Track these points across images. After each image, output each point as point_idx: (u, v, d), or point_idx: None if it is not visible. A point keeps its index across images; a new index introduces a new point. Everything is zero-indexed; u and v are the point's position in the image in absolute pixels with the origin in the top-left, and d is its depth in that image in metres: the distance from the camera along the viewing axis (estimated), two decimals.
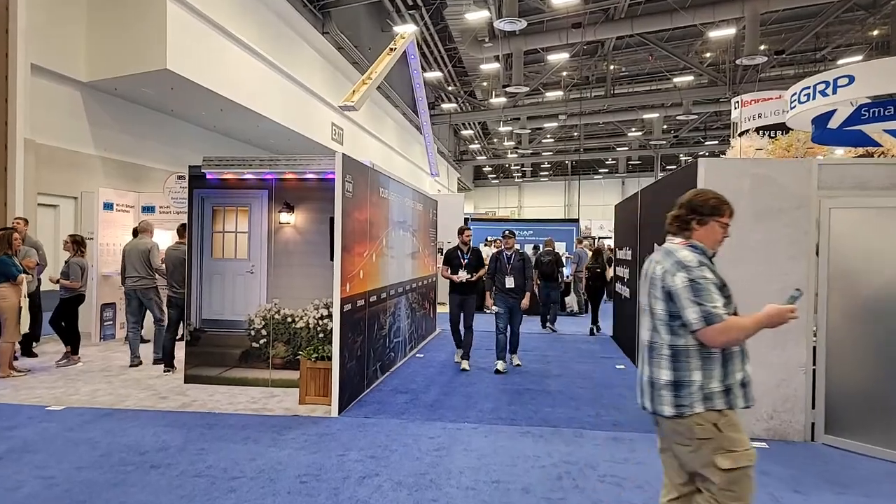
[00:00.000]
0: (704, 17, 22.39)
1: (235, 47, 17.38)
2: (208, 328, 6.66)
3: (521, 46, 25.20)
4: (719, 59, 28.42)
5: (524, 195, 45.02)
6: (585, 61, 29.19)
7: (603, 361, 8.26)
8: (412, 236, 8.69)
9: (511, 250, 7.76)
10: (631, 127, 35.34)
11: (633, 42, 27.11)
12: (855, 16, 24.61)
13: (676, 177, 6.08)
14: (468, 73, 30.44)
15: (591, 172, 41.85)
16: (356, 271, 6.11)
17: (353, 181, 5.96)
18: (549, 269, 11.20)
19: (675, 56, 26.08)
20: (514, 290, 7.65)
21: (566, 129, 36.45)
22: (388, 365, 7.46)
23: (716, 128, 35.84)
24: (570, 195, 43.42)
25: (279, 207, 6.56)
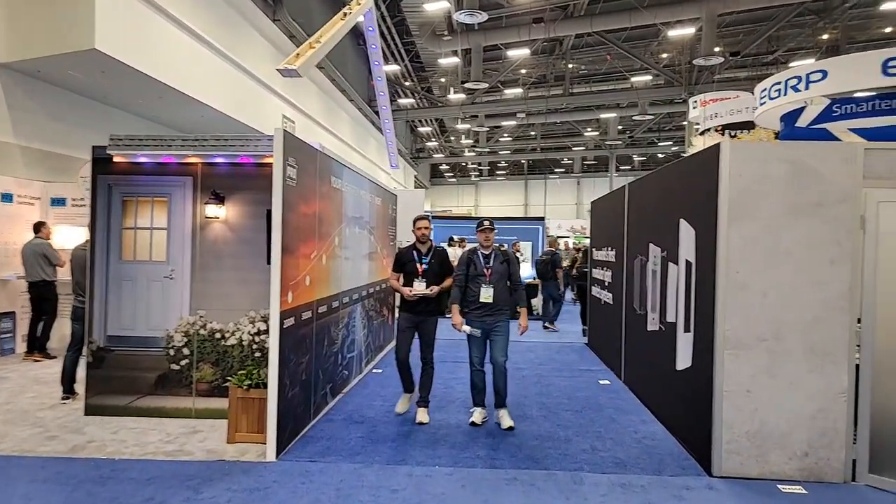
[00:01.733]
0: (663, 17, 21.92)
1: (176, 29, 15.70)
2: (115, 347, 5.30)
3: (480, 42, 24.21)
4: (676, 59, 28.14)
5: (481, 194, 44.12)
6: (544, 59, 28.44)
7: (584, 375, 7.24)
8: (370, 234, 7.48)
9: (490, 248, 5.35)
10: (587, 127, 34.87)
11: (591, 41, 26.49)
12: (806, 20, 24.66)
13: (689, 165, 5.07)
14: (426, 69, 29.28)
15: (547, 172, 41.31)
16: (301, 277, 4.88)
17: (298, 166, 4.72)
18: (544, 268, 11.02)
19: (633, 56, 25.60)
20: (493, 307, 5.24)
21: (523, 128, 35.70)
22: (341, 385, 6.24)
23: (669, 129, 35.75)
24: (528, 194, 42.78)
25: (206, 198, 5.25)
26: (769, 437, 4.20)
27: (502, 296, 5.27)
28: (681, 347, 4.91)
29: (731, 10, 21.22)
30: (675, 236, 5.08)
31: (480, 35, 24.03)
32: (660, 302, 5.50)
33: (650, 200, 6.02)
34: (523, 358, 8.22)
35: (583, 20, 22.91)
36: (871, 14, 23.40)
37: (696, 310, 4.66)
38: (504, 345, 5.31)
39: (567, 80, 28.21)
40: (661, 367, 5.38)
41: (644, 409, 5.79)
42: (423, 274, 5.39)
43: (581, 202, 41.51)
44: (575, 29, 23.34)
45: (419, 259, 5.45)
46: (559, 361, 8.05)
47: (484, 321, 5.25)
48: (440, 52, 24.92)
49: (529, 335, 10.16)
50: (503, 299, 5.28)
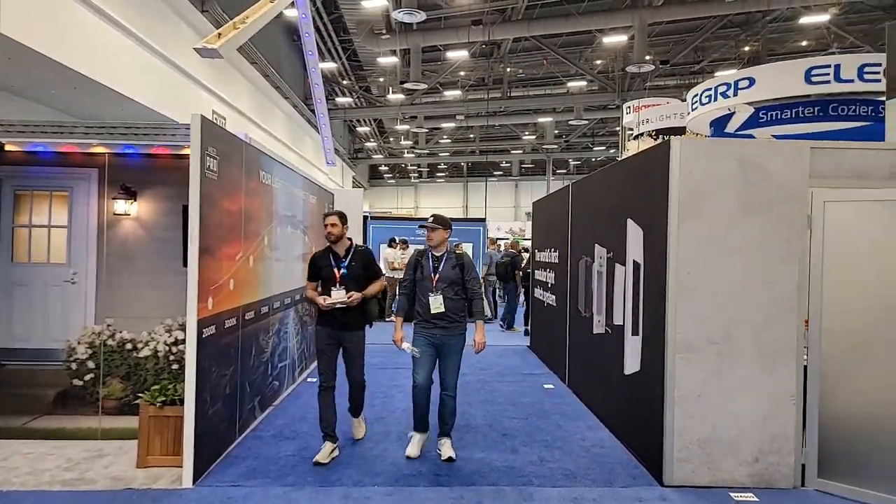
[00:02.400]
0: (598, 24, 22.30)
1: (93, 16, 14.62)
2: (6, 360, 4.63)
3: (418, 42, 23.89)
4: (609, 66, 28.74)
5: (421, 196, 43.78)
6: (482, 62, 28.43)
7: (528, 380, 7.00)
8: (304, 234, 6.99)
9: (441, 249, 4.54)
10: (525, 131, 35.18)
11: (529, 45, 26.67)
12: (729, 32, 25.73)
13: (637, 163, 4.89)
14: (364, 68, 28.71)
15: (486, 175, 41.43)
16: (224, 280, 4.38)
17: (220, 158, 4.23)
18: (504, 270, 11.20)
19: (569, 61, 25.94)
20: (444, 318, 4.43)
21: (463, 131, 35.63)
22: (272, 398, 5.74)
23: (602, 134, 36.55)
24: (467, 196, 42.75)
25: (115, 193, 4.66)
26: (720, 443, 4.05)
27: (455, 306, 4.45)
28: (629, 351, 4.72)
29: (661, 19, 21.81)
30: (621, 237, 4.89)
31: (419, 35, 23.72)
32: (606, 304, 5.32)
33: (595, 200, 5.84)
34: (465, 362, 7.90)
35: (520, 24, 23.00)
36: (790, 28, 24.60)
37: (644, 312, 4.48)
38: (457, 366, 4.56)
39: (505, 84, 28.31)
40: (608, 371, 5.20)
41: (590, 414, 5.59)
42: (341, 280, 4.47)
43: (519, 205, 41.88)
44: (513, 33, 23.41)
45: (336, 263, 4.52)
46: (502, 365, 7.80)
47: (433, 335, 4.46)
48: (378, 51, 24.45)
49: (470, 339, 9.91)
50: (456, 310, 4.47)
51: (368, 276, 4.64)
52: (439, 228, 4.53)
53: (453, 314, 4.47)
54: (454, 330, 4.49)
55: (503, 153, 39.34)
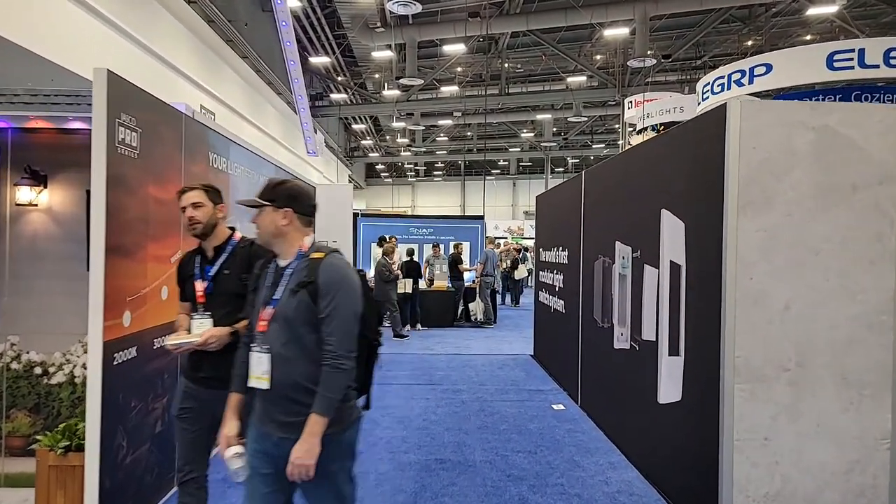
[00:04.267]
0: (598, 17, 21.32)
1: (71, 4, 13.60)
2: None
3: (414, 36, 22.90)
4: (609, 62, 27.76)
5: (418, 195, 42.68)
6: (480, 58, 27.43)
7: (534, 398, 5.99)
8: None
9: (288, 248, 2.21)
10: (523, 128, 34.17)
11: (527, 41, 25.69)
12: (731, 27, 24.86)
13: (675, 139, 3.85)
14: (359, 63, 27.68)
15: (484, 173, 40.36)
16: (150, 288, 3.36)
17: (143, 130, 3.22)
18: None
19: (568, 56, 24.95)
20: (277, 402, 2.06)
21: (460, 129, 34.61)
22: None
23: (601, 132, 35.57)
24: (465, 195, 41.67)
25: (18, 177, 3.65)
26: (793, 498, 3.04)
27: (298, 372, 2.05)
28: (665, 374, 3.71)
29: (662, 12, 20.85)
30: (652, 232, 3.89)
31: (415, 29, 22.71)
32: (631, 314, 4.31)
33: (616, 189, 4.83)
34: (461, 375, 6.91)
35: (519, 18, 22.04)
36: (794, 22, 23.65)
37: (688, 326, 3.47)
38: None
39: (503, 80, 27.33)
40: (635, 395, 4.19)
41: (611, 446, 4.58)
42: (204, 300, 2.66)
43: (517, 203, 40.83)
44: (511, 26, 22.43)
45: (202, 271, 2.73)
46: (503, 379, 6.78)
47: (266, 438, 2.09)
48: (373, 45, 23.44)
49: (468, 346, 8.90)
50: (302, 382, 2.04)
51: (224, 293, 2.66)
52: (268, 208, 2.20)
53: (294, 393, 2.04)
54: (297, 427, 1.99)
55: (501, 151, 38.32)
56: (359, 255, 12.06)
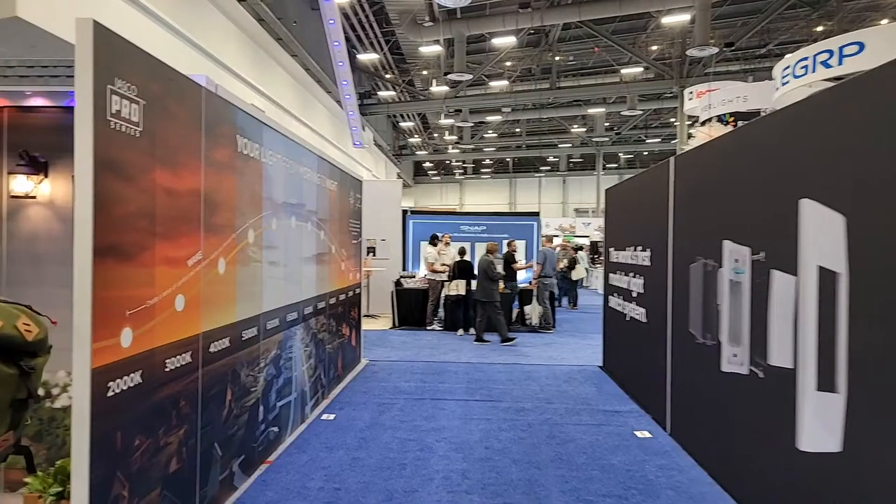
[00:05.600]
0: (656, 5, 20.04)
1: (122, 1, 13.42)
2: None
3: (463, 31, 22.11)
4: (666, 52, 26.26)
5: (465, 193, 41.89)
6: (529, 52, 26.43)
7: (612, 421, 5.11)
8: (317, 229, 5.30)
9: None
10: (573, 123, 32.91)
11: (579, 32, 24.55)
12: (798, 12, 23.10)
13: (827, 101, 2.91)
14: (407, 60, 27.12)
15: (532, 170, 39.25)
16: (160, 298, 2.69)
17: (149, 103, 2.55)
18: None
19: (622, 48, 23.66)
20: None
21: (509, 125, 33.63)
22: (264, 452, 4.05)
23: (655, 126, 33.91)
24: (513, 193, 40.63)
25: (13, 164, 3.05)
26: None
27: None
28: (811, 415, 2.80)
29: None
30: (786, 228, 2.98)
31: (463, 24, 21.93)
32: (750, 331, 3.40)
33: (721, 177, 3.91)
34: (524, 390, 6.09)
35: (571, 8, 20.98)
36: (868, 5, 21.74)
37: (852, 354, 2.56)
38: None
39: (554, 74, 26.23)
40: (758, 434, 3.28)
41: (720, 492, 3.67)
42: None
43: (567, 201, 39.50)
44: (562, 17, 21.39)
45: None
46: (573, 396, 5.91)
47: None
48: (421, 41, 22.79)
49: (527, 354, 8.06)
50: None
51: None
52: None
53: None
54: None
55: (551, 147, 37.11)
56: (407, 253, 11.38)
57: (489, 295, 8.43)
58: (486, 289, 8.38)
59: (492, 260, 8.54)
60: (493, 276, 8.44)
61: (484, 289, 8.37)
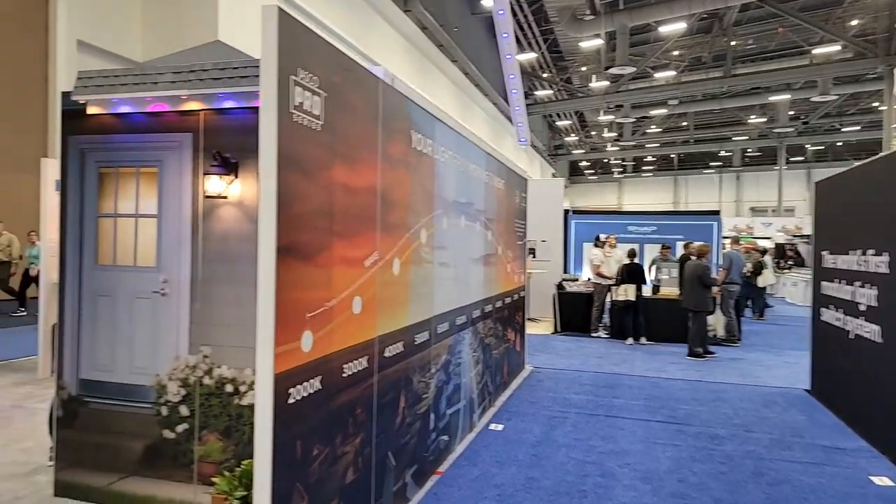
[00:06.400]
0: None
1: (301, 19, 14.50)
2: (91, 396, 3.35)
3: (626, 22, 20.79)
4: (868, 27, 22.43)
5: (624, 192, 39.67)
6: (700, 39, 24.17)
7: (833, 459, 4.15)
8: (485, 230, 5.02)
9: None
10: (750, 113, 29.57)
11: (759, 13, 21.89)
12: None
13: None
14: (565, 58, 26.28)
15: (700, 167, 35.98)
16: (338, 301, 2.54)
17: (329, 95, 2.40)
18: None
19: (813, 26, 20.57)
20: None
21: (674, 119, 31.16)
22: (435, 462, 3.84)
23: (852, 112, 29.24)
24: (677, 191, 37.65)
25: (208, 165, 3.12)
26: None
27: None
28: None
29: None
30: None
31: (626, 15, 20.62)
32: None
33: None
34: (714, 413, 5.26)
35: None
36: None
37: None
38: None
39: (729, 60, 23.66)
40: None
41: None
42: None
43: (741, 199, 35.63)
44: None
45: None
46: (777, 425, 4.97)
47: None
48: (581, 36, 21.83)
49: (711, 370, 7.09)
50: None
51: None
52: None
53: None
54: None
55: (722, 141, 33.74)
56: (569, 255, 10.79)
57: (702, 303, 7.55)
58: (698, 296, 7.51)
59: (705, 264, 7.65)
60: (708, 282, 7.55)
61: (696, 296, 7.50)
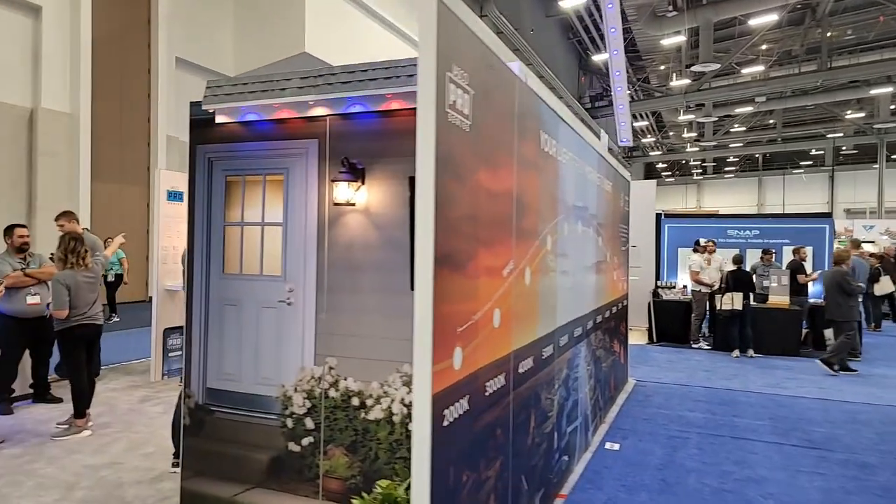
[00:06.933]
0: None
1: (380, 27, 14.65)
2: (217, 405, 3.33)
3: (710, 17, 19.78)
4: None
5: (703, 193, 37.78)
6: (790, 31, 22.69)
7: None
8: (596, 235, 4.73)
9: None
10: (846, 109, 27.47)
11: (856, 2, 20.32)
12: None
13: None
14: (643, 57, 25.39)
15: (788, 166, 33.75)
16: (482, 314, 2.36)
17: (476, 93, 2.23)
18: None
19: None
20: None
21: (760, 117, 29.41)
22: (558, 484, 3.59)
23: None
24: (762, 193, 35.50)
25: (336, 172, 3.03)
26: None
27: None
28: None
29: None
30: None
31: (711, 9, 19.60)
32: None
33: None
34: (856, 437, 4.70)
35: None
36: None
37: None
38: None
39: (824, 53, 22.05)
40: None
41: None
42: None
43: (835, 200, 33.15)
44: None
45: None
46: None
47: None
48: (661, 33, 20.96)
49: (837, 387, 6.43)
50: None
51: None
52: None
53: None
54: None
55: (813, 139, 31.52)
56: (662, 261, 10.23)
57: (848, 313, 6.90)
58: (842, 306, 6.87)
59: (846, 271, 7.00)
60: (850, 290, 6.89)
61: (839, 306, 6.87)
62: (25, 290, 4.85)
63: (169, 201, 6.26)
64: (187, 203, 3.37)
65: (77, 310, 4.40)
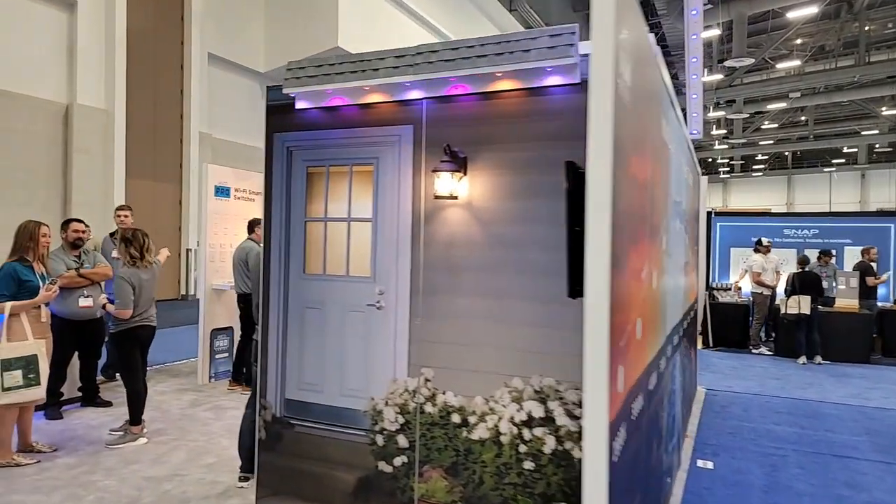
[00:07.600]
0: None
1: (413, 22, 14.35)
2: (296, 418, 3.02)
3: (744, 11, 19.21)
4: None
5: (730, 192, 36.97)
6: (825, 25, 21.98)
7: None
8: (685, 233, 4.36)
9: None
10: (881, 105, 26.63)
11: None
12: None
13: None
14: (672, 52, 24.71)
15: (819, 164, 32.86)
16: (632, 324, 2.01)
17: (634, 72, 1.88)
18: None
19: None
20: None
21: (791, 113, 28.63)
22: None
23: None
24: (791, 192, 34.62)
25: (435, 162, 2.69)
26: None
27: None
28: None
29: None
30: None
31: (745, 3, 19.03)
32: None
33: None
34: None
35: None
36: None
37: None
38: None
39: (861, 47, 21.32)
40: None
41: None
42: None
43: (867, 199, 32.23)
44: None
45: None
46: None
47: None
48: None
49: None
50: None
51: None
52: None
53: None
54: None
55: (849, 136, 30.63)
56: (714, 262, 9.79)
57: None
58: None
59: None
60: None
61: None
62: (78, 292, 4.60)
63: (216, 197, 5.98)
64: (263, 197, 3.07)
65: (138, 309, 4.13)
